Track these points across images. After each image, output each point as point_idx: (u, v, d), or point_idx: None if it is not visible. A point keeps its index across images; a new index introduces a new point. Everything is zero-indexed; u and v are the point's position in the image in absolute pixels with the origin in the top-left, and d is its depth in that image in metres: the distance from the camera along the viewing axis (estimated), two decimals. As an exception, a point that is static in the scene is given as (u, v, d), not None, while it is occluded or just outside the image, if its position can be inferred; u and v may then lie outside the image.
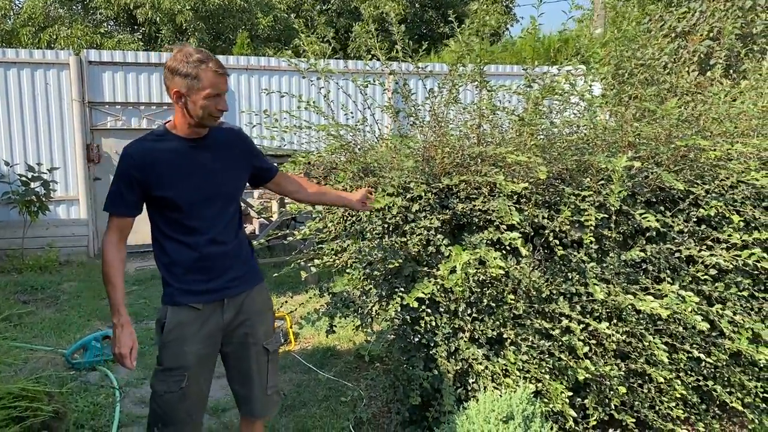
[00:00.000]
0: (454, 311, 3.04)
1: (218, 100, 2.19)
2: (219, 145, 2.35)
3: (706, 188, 3.12)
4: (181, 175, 2.23)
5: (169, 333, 2.29)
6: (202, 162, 2.28)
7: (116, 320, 2.21)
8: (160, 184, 2.20)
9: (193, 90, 2.14)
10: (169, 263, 2.30)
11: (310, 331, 5.03)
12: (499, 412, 1.97)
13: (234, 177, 2.41)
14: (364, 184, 3.24)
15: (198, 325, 2.31)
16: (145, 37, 18.54)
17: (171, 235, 2.28)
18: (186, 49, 2.16)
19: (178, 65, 2.13)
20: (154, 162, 2.19)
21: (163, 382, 2.31)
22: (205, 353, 2.34)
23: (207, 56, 2.16)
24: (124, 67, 8.11)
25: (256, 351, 2.48)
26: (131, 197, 2.22)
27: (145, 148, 2.22)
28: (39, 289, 6.41)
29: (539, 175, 2.67)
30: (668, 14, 7.29)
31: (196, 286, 2.30)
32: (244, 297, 2.42)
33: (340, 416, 3.58)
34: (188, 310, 2.30)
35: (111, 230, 2.27)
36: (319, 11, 20.93)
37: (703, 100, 3.93)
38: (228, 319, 2.38)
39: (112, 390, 3.83)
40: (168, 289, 2.32)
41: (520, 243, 2.63)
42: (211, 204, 2.30)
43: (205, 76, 2.14)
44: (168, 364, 2.29)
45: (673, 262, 3.20)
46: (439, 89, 3.34)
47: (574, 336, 2.95)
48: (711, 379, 3.27)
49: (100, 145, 8.13)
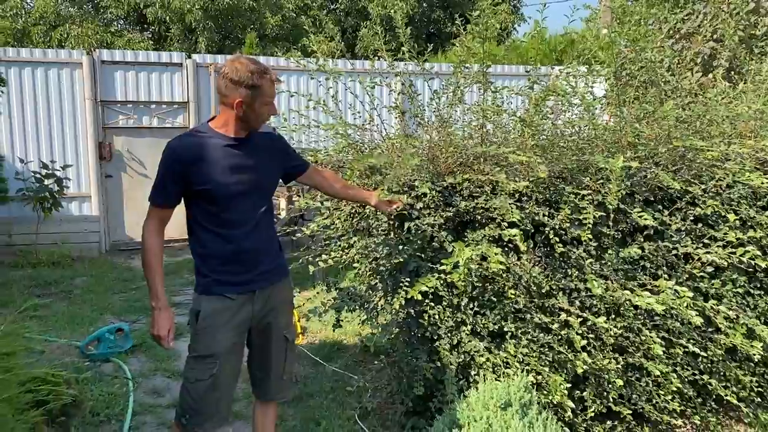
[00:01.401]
0: (456, 305, 3.14)
1: (271, 107, 2.41)
2: (257, 145, 2.51)
3: (703, 188, 3.21)
4: (220, 170, 2.37)
5: (203, 321, 2.42)
6: (241, 159, 2.43)
7: (155, 304, 2.37)
8: (200, 177, 2.34)
9: (255, 99, 2.33)
10: (205, 254, 2.44)
11: (318, 326, 5.15)
12: (498, 400, 2.07)
13: (268, 174, 2.57)
14: (371, 182, 3.35)
15: (230, 315, 2.44)
16: (155, 36, 18.72)
17: (208, 226, 2.42)
18: (242, 59, 2.32)
19: (242, 77, 2.29)
20: (195, 157, 2.34)
21: (194, 370, 2.44)
22: (235, 342, 2.49)
23: (265, 67, 2.34)
24: (136, 66, 8.25)
25: (277, 338, 2.64)
26: (174, 188, 2.37)
27: (189, 143, 2.38)
28: (52, 284, 6.56)
29: (540, 175, 2.77)
30: (672, 16, 7.36)
31: (230, 277, 2.44)
32: (271, 289, 2.57)
33: (345, 407, 3.70)
34: (222, 299, 2.43)
35: (152, 219, 2.42)
36: (327, 11, 21.03)
37: (704, 101, 4.02)
38: (257, 310, 2.53)
39: (125, 380, 3.95)
40: (202, 279, 2.46)
41: (520, 239, 2.73)
42: (247, 199, 2.45)
43: (267, 86, 2.34)
44: (201, 352, 2.42)
45: (670, 260, 3.29)
46: (443, 90, 3.44)
47: (573, 330, 3.05)
48: (707, 374, 3.36)
49: (111, 143, 8.28)
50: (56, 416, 2.82)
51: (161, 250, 2.42)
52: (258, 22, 18.47)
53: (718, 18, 6.89)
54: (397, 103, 3.94)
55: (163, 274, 2.41)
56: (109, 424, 3.43)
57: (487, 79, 3.74)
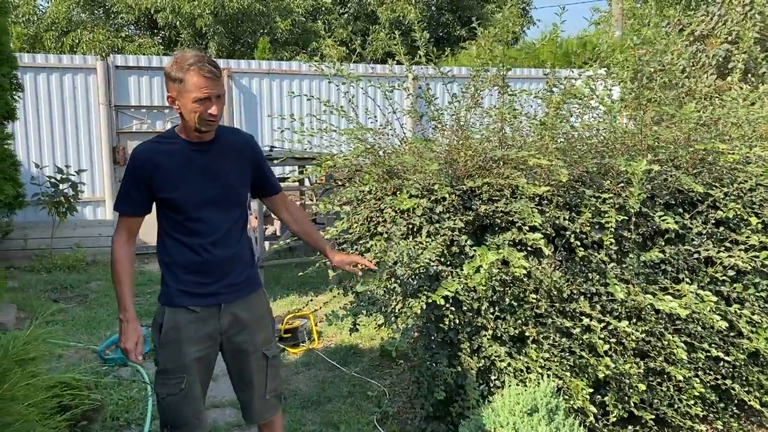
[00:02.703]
0: (477, 310, 3.13)
1: (207, 104, 2.17)
2: (225, 149, 2.36)
3: (724, 191, 3.18)
4: (185, 177, 2.27)
5: (166, 334, 2.31)
6: (206, 165, 2.31)
7: (122, 316, 2.26)
8: (163, 185, 2.25)
9: (181, 94, 2.16)
10: (170, 262, 2.34)
11: (333, 330, 5.15)
12: (524, 405, 2.06)
13: (238, 182, 2.42)
14: (389, 186, 3.34)
15: (196, 328, 2.32)
16: (165, 41, 18.81)
17: (174, 235, 2.32)
18: (183, 53, 2.19)
19: (170, 69, 2.17)
20: (158, 164, 2.24)
21: (164, 385, 2.33)
22: (203, 355, 2.36)
23: (198, 59, 2.15)
24: (149, 71, 8.30)
25: (256, 358, 2.49)
26: (138, 197, 2.28)
27: (152, 149, 2.27)
28: (68, 288, 6.60)
29: (561, 178, 2.76)
30: (687, 18, 7.32)
31: (194, 288, 2.32)
32: (241, 304, 2.44)
33: (364, 411, 3.69)
34: (185, 312, 2.31)
35: (120, 229, 2.33)
36: (337, 15, 21.08)
37: (722, 104, 3.99)
38: (226, 325, 2.39)
39: (143, 385, 3.96)
40: (166, 289, 2.35)
41: (543, 244, 2.72)
42: (214, 208, 2.33)
43: (189, 78, 2.13)
44: (167, 366, 2.32)
45: (692, 263, 3.27)
46: (462, 94, 3.43)
47: (594, 334, 3.03)
48: (729, 378, 3.33)
49: (125, 147, 8.32)
50: (78, 421, 2.83)
51: (129, 260, 2.32)
52: (268, 27, 18.53)
53: (733, 20, 6.85)
54: (413, 106, 3.94)
55: (132, 285, 2.31)
56: (129, 428, 3.44)
57: (506, 82, 3.74)
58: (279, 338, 4.71)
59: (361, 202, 3.75)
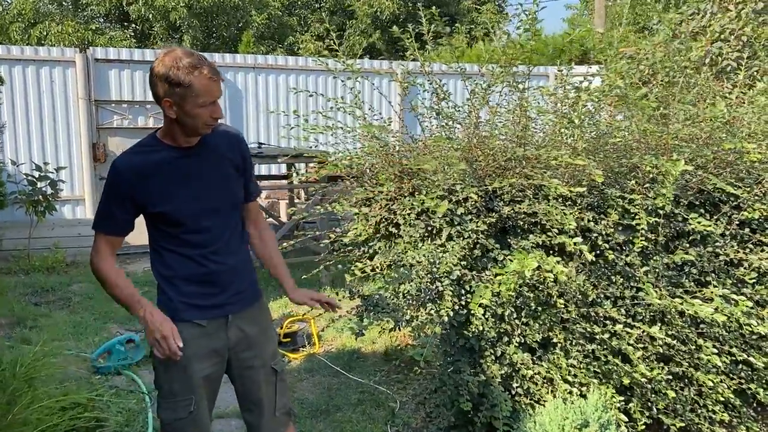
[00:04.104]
0: (500, 315, 3.01)
1: (213, 108, 2.02)
2: (213, 151, 2.17)
3: (755, 191, 3.12)
4: (177, 187, 2.08)
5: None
6: (198, 171, 2.12)
7: (142, 311, 1.99)
8: (156, 199, 2.05)
9: (185, 99, 1.96)
10: (170, 275, 2.14)
11: (332, 333, 4.99)
12: (574, 420, 1.94)
13: (233, 185, 2.24)
14: (406, 187, 3.21)
15: (202, 344, 2.15)
16: (138, 34, 18.34)
17: (172, 248, 2.13)
18: (175, 52, 1.98)
19: (169, 72, 1.94)
20: (146, 176, 2.04)
21: (169, 410, 2.14)
22: (211, 373, 2.19)
23: (199, 60, 1.98)
24: (131, 64, 8.01)
25: (265, 373, 2.32)
26: (123, 215, 2.07)
27: (135, 161, 2.05)
28: (49, 291, 6.32)
29: (596, 179, 2.65)
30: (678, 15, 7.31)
31: (199, 300, 2.14)
32: (247, 314, 2.27)
33: (376, 420, 3.55)
34: (191, 326, 2.12)
35: (102, 249, 2.09)
36: (313, 9, 20.81)
37: (731, 102, 3.94)
38: (233, 340, 2.22)
39: (141, 395, 3.77)
40: (168, 303, 2.13)
41: (587, 249, 2.60)
42: (213, 215, 2.15)
43: (199, 83, 1.95)
44: (173, 388, 2.13)
45: (717, 265, 3.20)
46: (483, 90, 3.30)
47: (624, 341, 2.94)
48: (751, 382, 3.27)
49: (106, 144, 8.03)
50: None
51: (120, 272, 2.10)
52: (243, 21, 18.20)
53: (725, 18, 6.85)
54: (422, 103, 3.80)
55: (133, 287, 2.09)
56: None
57: (515, 79, 3.63)
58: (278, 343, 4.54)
59: (373, 202, 3.61)
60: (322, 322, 5.02)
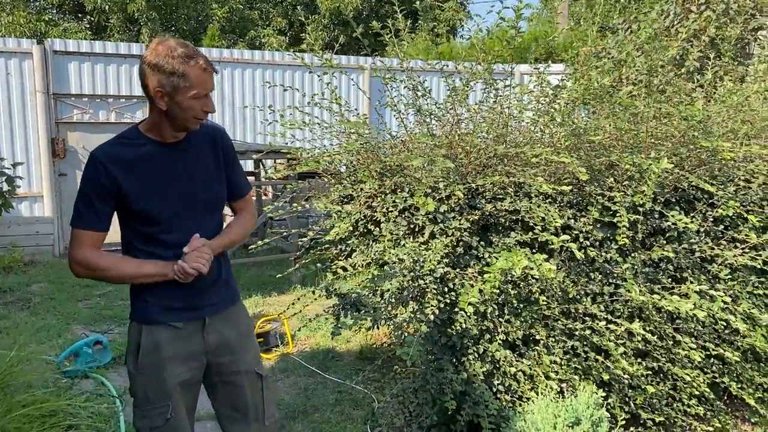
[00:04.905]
0: (483, 313, 3.01)
1: (205, 101, 1.95)
2: (198, 147, 2.09)
3: (732, 189, 3.18)
4: (158, 184, 1.99)
5: (146, 357, 2.02)
6: (182, 168, 2.04)
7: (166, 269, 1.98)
8: (135, 195, 1.95)
9: (178, 90, 1.88)
10: None
11: (305, 332, 4.93)
12: (566, 418, 1.94)
13: (216, 183, 2.14)
14: (391, 183, 3.17)
15: (179, 347, 2.05)
16: (93, 27, 17.80)
17: (147, 249, 2.03)
18: (168, 42, 1.90)
19: (162, 61, 1.86)
20: (129, 169, 1.95)
21: (145, 418, 2.04)
22: (188, 378, 2.09)
23: (194, 51, 1.91)
24: (92, 57, 7.75)
25: (249, 379, 2.21)
26: (105, 209, 1.97)
27: (117, 153, 1.96)
28: (8, 292, 6.08)
29: (581, 177, 2.66)
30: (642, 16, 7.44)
31: (175, 302, 2.05)
32: (225, 317, 2.17)
33: (355, 420, 3.51)
34: (167, 329, 2.04)
35: (84, 247, 1.97)
36: (275, 3, 20.53)
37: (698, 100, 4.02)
38: (212, 344, 2.12)
39: (111, 398, 3.65)
40: (142, 304, 2.06)
41: (576, 247, 2.61)
42: (193, 215, 2.06)
43: (193, 73, 1.88)
44: (148, 394, 2.03)
45: (693, 261, 3.25)
46: (464, 86, 3.29)
47: (604, 337, 2.96)
48: (722, 375, 3.34)
49: (65, 139, 7.76)
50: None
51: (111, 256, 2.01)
52: (204, 14, 17.85)
53: (689, 18, 7.00)
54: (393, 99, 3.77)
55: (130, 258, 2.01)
56: (102, 449, 3.14)
57: (492, 77, 3.63)
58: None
59: (351, 200, 3.57)
60: (297, 323, 4.95)
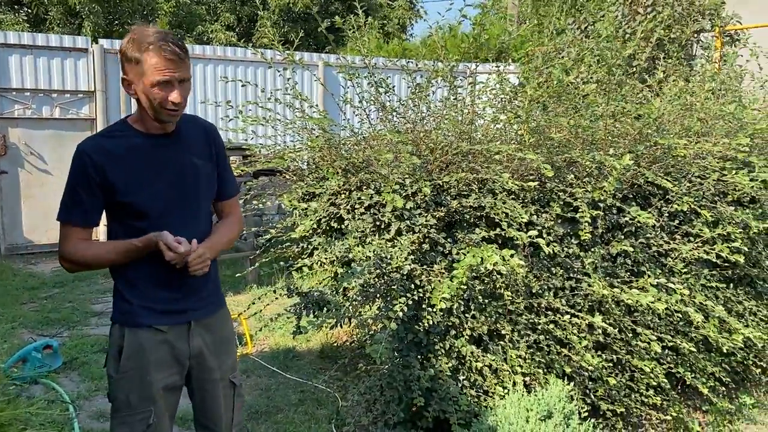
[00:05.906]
0: (449, 309, 3.02)
1: (168, 89, 1.84)
2: (188, 141, 2.03)
3: (687, 185, 3.28)
4: (147, 177, 1.93)
5: (127, 361, 1.95)
6: (170, 161, 1.98)
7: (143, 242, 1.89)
8: (122, 188, 1.90)
9: (138, 77, 1.82)
10: (130, 276, 1.98)
11: (264, 332, 4.85)
12: (538, 411, 1.96)
13: (205, 179, 2.08)
14: (356, 179, 3.15)
15: (162, 351, 1.99)
16: (31, 19, 17.10)
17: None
18: (142, 29, 1.83)
19: (126, 47, 1.83)
20: (117, 161, 1.89)
21: (124, 425, 1.97)
22: (170, 383, 2.03)
23: (160, 37, 1.81)
24: (34, 50, 7.43)
25: (224, 386, 2.16)
26: (94, 202, 1.91)
27: (104, 145, 1.91)
28: (-55, 295, 5.78)
29: (546, 173, 2.70)
30: (591, 17, 7.63)
31: (161, 304, 1.99)
32: (211, 321, 2.11)
33: (320, 420, 3.47)
34: (150, 332, 1.97)
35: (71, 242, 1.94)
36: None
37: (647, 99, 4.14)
38: (196, 349, 2.05)
39: (64, 404, 3.51)
40: (125, 306, 1.98)
41: (544, 243, 2.64)
42: (182, 210, 2.00)
43: (148, 59, 1.80)
44: (130, 399, 1.96)
45: (649, 255, 3.35)
46: (427, 83, 3.29)
47: (567, 330, 3.02)
48: (677, 366, 3.45)
49: (6, 135, 7.41)
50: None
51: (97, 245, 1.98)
52: (149, 8, 17.37)
53: (635, 20, 7.22)
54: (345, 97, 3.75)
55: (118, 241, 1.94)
56: (56, 457, 3.01)
57: (453, 75, 3.66)
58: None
59: (314, 197, 3.53)
60: (255, 323, 4.87)
